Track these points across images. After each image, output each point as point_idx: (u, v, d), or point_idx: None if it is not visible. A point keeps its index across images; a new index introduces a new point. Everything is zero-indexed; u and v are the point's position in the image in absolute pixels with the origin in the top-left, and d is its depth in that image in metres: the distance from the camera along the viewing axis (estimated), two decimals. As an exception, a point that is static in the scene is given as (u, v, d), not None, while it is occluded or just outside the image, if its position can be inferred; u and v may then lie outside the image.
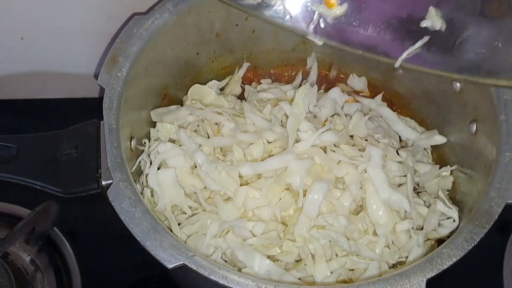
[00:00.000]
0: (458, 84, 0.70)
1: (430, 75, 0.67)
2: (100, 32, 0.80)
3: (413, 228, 0.65)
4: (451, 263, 0.54)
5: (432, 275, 0.53)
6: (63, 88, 0.91)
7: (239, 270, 0.60)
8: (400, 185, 0.69)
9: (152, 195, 0.66)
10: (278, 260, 0.64)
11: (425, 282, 0.53)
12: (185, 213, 0.66)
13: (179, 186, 0.66)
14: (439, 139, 0.75)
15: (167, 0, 0.69)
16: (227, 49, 0.80)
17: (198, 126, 0.72)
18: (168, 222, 0.64)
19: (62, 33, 0.81)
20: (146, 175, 0.66)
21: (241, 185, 0.66)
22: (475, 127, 0.68)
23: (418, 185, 0.73)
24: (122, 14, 0.77)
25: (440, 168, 0.74)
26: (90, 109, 0.65)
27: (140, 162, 0.68)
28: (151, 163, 0.67)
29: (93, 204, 0.65)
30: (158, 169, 0.67)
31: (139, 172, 0.68)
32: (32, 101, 0.94)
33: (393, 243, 0.65)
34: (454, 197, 0.72)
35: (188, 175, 0.67)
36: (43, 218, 0.74)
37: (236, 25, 0.77)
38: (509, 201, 0.58)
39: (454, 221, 0.67)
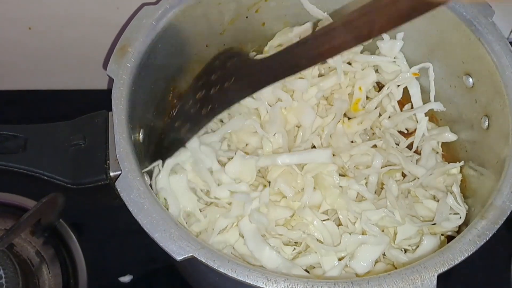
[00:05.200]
0: (471, 80, 0.70)
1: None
2: (109, 23, 0.80)
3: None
4: (462, 258, 0.54)
5: (444, 270, 0.53)
6: (71, 79, 0.91)
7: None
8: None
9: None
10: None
11: (436, 277, 0.52)
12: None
13: (192, 192, 0.65)
14: (450, 137, 0.75)
15: (177, -10, 0.69)
16: (237, 41, 0.79)
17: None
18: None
19: (70, 24, 0.81)
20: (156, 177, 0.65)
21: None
22: (487, 122, 0.67)
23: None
24: (130, 4, 0.77)
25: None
26: (98, 100, 0.65)
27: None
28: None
29: (100, 196, 0.64)
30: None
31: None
32: (39, 92, 0.93)
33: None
34: (463, 193, 0.71)
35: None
36: (49, 209, 0.74)
37: (246, 17, 0.76)
38: (522, 198, 0.57)
39: (460, 218, 0.66)
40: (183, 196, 0.65)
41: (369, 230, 0.62)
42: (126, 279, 0.79)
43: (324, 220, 0.64)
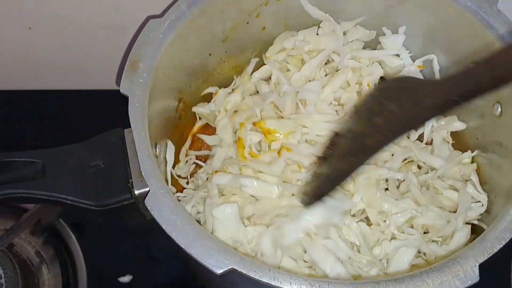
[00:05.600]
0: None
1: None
2: (109, 23, 0.79)
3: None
4: (501, 246, 0.54)
5: (484, 259, 0.53)
6: (71, 79, 0.90)
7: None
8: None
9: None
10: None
11: (478, 267, 0.53)
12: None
13: (240, 222, 0.63)
14: (459, 126, 0.75)
15: (182, 1, 0.68)
16: (238, 48, 0.79)
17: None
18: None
19: (71, 24, 0.80)
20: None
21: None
22: (499, 109, 0.68)
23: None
24: (130, 6, 0.76)
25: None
26: (98, 100, 0.64)
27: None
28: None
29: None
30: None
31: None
32: (40, 92, 0.93)
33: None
34: (480, 181, 0.72)
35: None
36: (49, 209, 0.75)
37: (247, 23, 0.76)
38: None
39: (482, 205, 0.67)
40: (232, 225, 0.63)
41: (404, 231, 0.62)
42: (125, 279, 0.79)
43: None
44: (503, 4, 0.67)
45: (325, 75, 0.77)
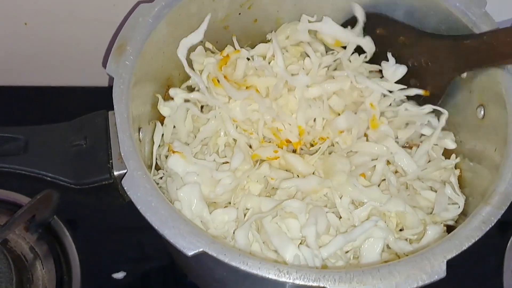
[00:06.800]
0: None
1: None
2: (105, 19, 0.80)
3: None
4: (469, 244, 0.54)
5: (452, 256, 0.53)
6: (67, 76, 0.91)
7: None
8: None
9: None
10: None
11: (445, 263, 0.53)
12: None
13: (204, 202, 0.63)
14: (450, 144, 0.74)
15: (173, -13, 0.69)
16: (230, 38, 0.79)
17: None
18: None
19: (67, 20, 0.81)
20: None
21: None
22: (482, 112, 0.68)
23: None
24: (127, 1, 0.77)
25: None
26: (94, 96, 0.65)
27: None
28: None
29: (102, 196, 0.64)
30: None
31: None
32: (35, 88, 0.94)
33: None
34: (459, 184, 0.72)
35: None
36: (44, 206, 0.75)
37: (239, 14, 0.77)
38: (523, 182, 0.58)
39: (459, 207, 0.67)
40: (196, 205, 0.63)
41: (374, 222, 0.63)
42: (119, 275, 0.80)
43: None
44: (490, 6, 0.67)
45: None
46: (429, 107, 0.73)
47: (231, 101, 0.71)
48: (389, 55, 0.75)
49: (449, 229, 0.66)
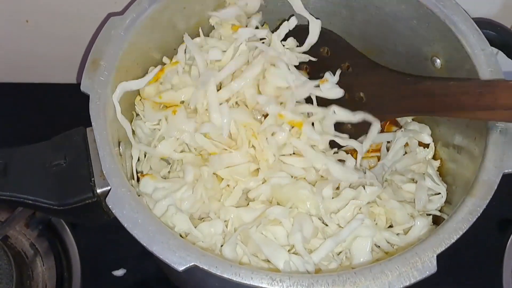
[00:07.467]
0: (438, 61, 0.71)
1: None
2: (107, 17, 0.79)
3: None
4: (457, 236, 0.55)
5: (441, 250, 0.54)
6: (68, 73, 0.91)
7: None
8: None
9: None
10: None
11: (435, 258, 0.53)
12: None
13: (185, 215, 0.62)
14: (426, 139, 0.74)
15: (143, -2, 0.68)
16: (204, 45, 0.79)
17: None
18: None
19: (68, 17, 0.81)
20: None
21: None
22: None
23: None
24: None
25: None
26: None
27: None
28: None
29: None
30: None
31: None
32: (36, 85, 0.94)
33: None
34: (440, 172, 0.73)
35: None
36: None
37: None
38: (506, 171, 0.59)
39: (442, 197, 0.68)
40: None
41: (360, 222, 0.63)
42: (119, 272, 0.81)
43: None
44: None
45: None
46: (360, 114, 0.70)
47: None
48: (338, 72, 0.71)
49: (436, 219, 0.67)
